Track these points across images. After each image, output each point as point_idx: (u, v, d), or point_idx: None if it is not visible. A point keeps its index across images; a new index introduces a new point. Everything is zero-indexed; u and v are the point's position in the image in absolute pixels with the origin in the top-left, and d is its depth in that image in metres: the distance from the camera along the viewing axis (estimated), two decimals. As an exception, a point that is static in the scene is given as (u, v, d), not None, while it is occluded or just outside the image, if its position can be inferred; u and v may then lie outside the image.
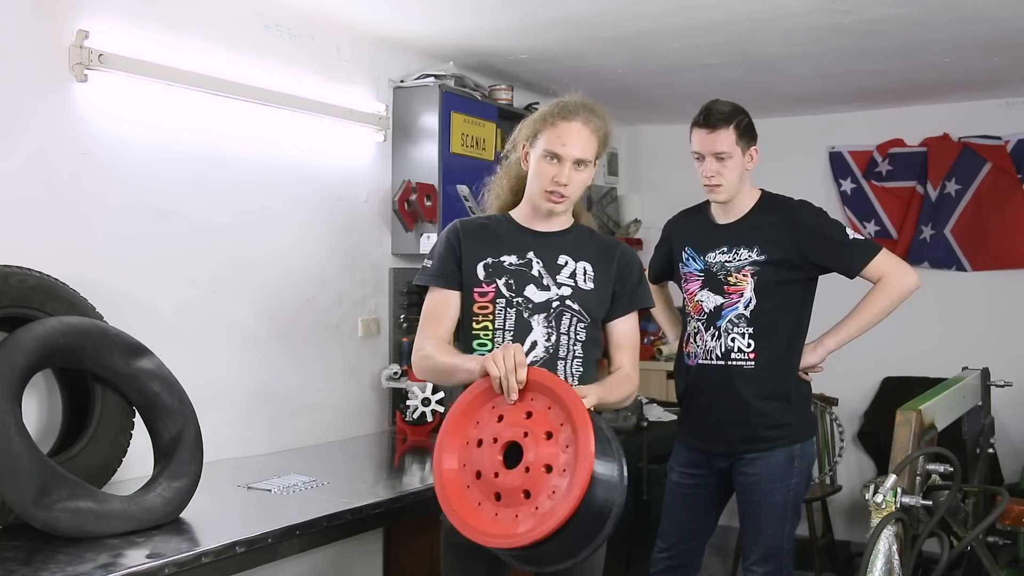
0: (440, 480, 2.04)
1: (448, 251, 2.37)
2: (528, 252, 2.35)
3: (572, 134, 2.28)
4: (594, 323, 2.35)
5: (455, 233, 2.39)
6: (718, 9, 3.34)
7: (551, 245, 2.37)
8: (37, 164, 2.64)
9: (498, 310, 2.31)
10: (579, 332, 2.33)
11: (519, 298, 2.31)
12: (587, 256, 2.38)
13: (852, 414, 5.20)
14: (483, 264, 2.34)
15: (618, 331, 2.40)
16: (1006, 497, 1.79)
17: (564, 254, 2.36)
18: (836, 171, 5.26)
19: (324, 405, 3.61)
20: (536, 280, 2.33)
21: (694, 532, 2.94)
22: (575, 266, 2.36)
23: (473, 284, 2.34)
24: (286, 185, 3.44)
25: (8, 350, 2.21)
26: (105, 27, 2.75)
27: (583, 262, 2.37)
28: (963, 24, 3.49)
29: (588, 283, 2.35)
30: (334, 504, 2.60)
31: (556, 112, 2.31)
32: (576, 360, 2.32)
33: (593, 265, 2.37)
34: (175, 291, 3.03)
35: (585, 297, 2.34)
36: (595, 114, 2.32)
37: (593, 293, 2.35)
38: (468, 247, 2.36)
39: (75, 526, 2.18)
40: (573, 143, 2.27)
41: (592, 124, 2.31)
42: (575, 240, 2.39)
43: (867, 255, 2.79)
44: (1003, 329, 4.81)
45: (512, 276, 2.33)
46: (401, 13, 3.47)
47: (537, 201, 2.33)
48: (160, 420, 2.48)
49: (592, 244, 2.41)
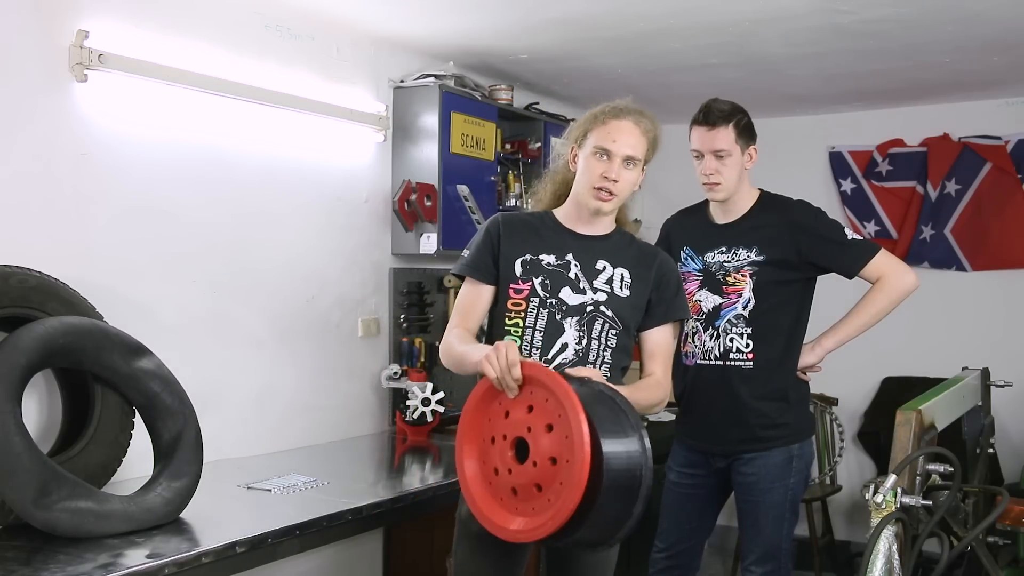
0: (464, 483, 2.06)
1: (486, 244, 2.37)
2: (567, 253, 2.35)
3: (623, 131, 2.30)
4: (626, 330, 2.35)
5: (496, 226, 2.39)
6: (718, 9, 3.34)
7: (591, 248, 2.36)
8: (37, 164, 2.64)
9: (531, 308, 2.31)
10: (610, 338, 2.32)
11: (553, 299, 2.31)
12: (626, 263, 2.37)
13: (852, 414, 5.19)
14: (521, 260, 2.34)
15: (652, 340, 2.39)
16: (1006, 497, 1.79)
17: (603, 259, 2.36)
18: (836, 171, 5.26)
19: (324, 405, 3.61)
20: (572, 282, 2.33)
21: (692, 532, 2.94)
22: (613, 272, 2.35)
23: (509, 280, 2.34)
24: (286, 185, 3.44)
25: (8, 350, 2.21)
26: (105, 27, 2.75)
27: (621, 268, 2.36)
28: (963, 24, 3.49)
29: (624, 290, 2.35)
30: (334, 504, 2.60)
31: (607, 111, 2.33)
32: (604, 366, 2.31)
33: (631, 272, 2.36)
34: (175, 291, 3.03)
35: (620, 304, 2.33)
36: (645, 117, 2.35)
37: (628, 301, 2.34)
38: (508, 241, 2.36)
39: (75, 526, 2.18)
40: (624, 140, 2.29)
41: (643, 125, 2.33)
42: (615, 245, 2.39)
43: (866, 255, 2.79)
44: (1003, 329, 4.81)
45: (549, 276, 2.33)
46: (401, 13, 3.47)
47: (584, 199, 2.32)
48: (160, 420, 2.48)
49: (631, 251, 2.40)
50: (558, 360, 2.27)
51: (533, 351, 2.29)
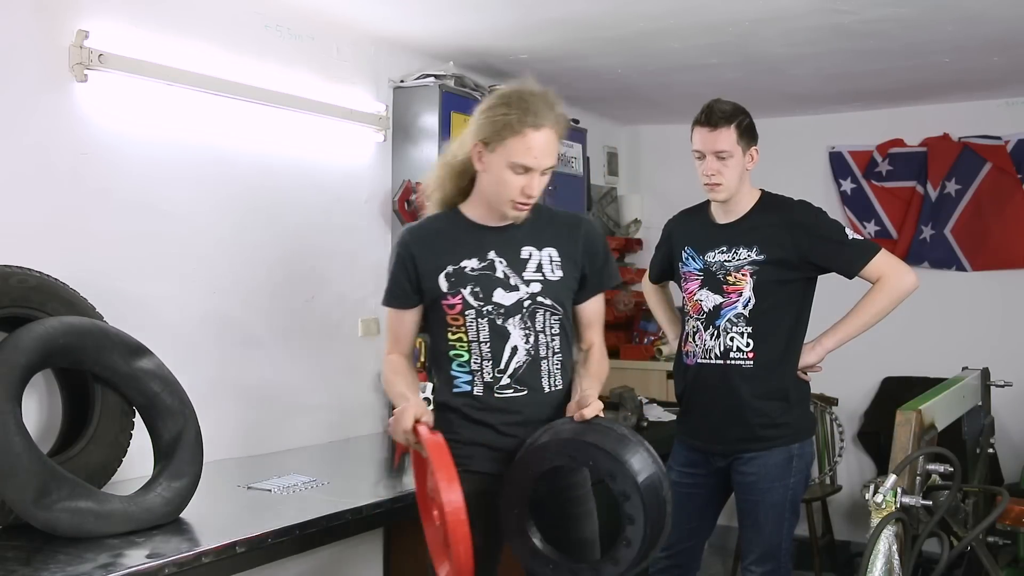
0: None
1: (400, 269, 2.30)
2: (489, 252, 2.26)
3: (542, 144, 2.14)
4: (565, 314, 2.31)
5: (405, 247, 2.29)
6: (718, 9, 3.35)
7: (511, 239, 2.27)
8: (37, 164, 2.64)
9: (469, 322, 2.25)
10: (553, 327, 2.28)
11: (488, 305, 2.24)
12: (550, 241, 2.29)
13: (852, 414, 5.20)
14: (444, 274, 2.25)
15: (588, 311, 2.37)
16: (1006, 497, 1.79)
17: (526, 245, 2.28)
18: (836, 171, 5.26)
19: (324, 405, 3.61)
20: (502, 282, 2.25)
21: (692, 532, 2.94)
22: (539, 256, 2.28)
23: (438, 296, 2.26)
24: (286, 185, 3.44)
25: (8, 350, 2.21)
26: (105, 27, 2.75)
27: (548, 248, 2.28)
28: (963, 24, 3.49)
29: (556, 271, 2.28)
30: (334, 504, 2.60)
31: (525, 120, 2.13)
32: (555, 356, 2.29)
33: (559, 249, 2.29)
34: (175, 291, 3.02)
35: (555, 289, 2.28)
36: (554, 110, 2.18)
37: (562, 283, 2.28)
38: (423, 259, 2.27)
39: (75, 526, 2.18)
40: (544, 153, 2.15)
41: (559, 127, 2.19)
42: (534, 227, 2.29)
43: (866, 255, 2.79)
44: (1003, 329, 4.81)
45: (477, 283, 2.24)
46: (401, 13, 3.47)
47: (502, 209, 2.22)
48: (160, 420, 2.48)
49: (553, 226, 2.31)
50: (512, 366, 2.24)
51: (484, 364, 2.25)
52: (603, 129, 5.46)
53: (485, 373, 2.26)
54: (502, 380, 2.26)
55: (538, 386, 2.27)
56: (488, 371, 2.25)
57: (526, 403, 2.26)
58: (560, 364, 2.30)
